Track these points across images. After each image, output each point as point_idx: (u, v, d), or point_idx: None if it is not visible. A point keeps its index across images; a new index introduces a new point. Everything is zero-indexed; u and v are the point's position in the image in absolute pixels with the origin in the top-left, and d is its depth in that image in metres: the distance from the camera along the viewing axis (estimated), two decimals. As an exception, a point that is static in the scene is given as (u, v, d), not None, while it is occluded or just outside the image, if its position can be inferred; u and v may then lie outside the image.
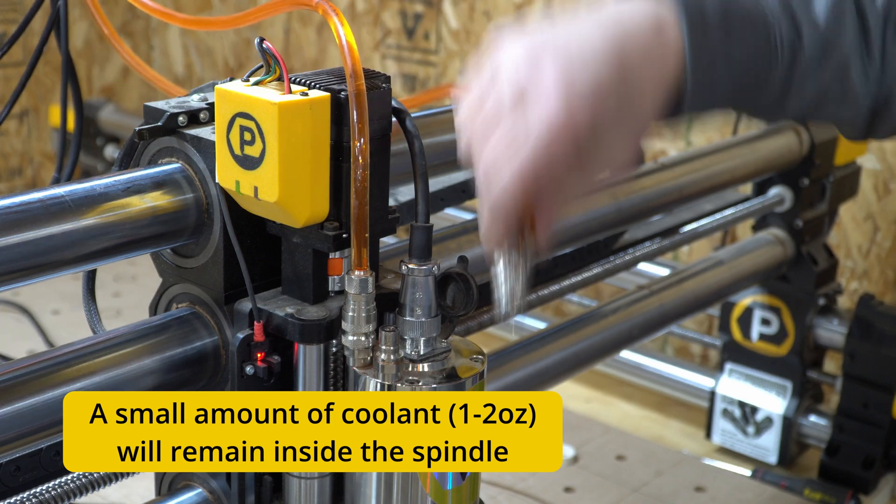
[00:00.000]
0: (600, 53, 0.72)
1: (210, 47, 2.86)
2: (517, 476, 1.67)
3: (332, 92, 0.78)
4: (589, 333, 1.30)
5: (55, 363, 0.80)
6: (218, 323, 0.87)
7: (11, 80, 2.77)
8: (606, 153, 0.75)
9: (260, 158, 0.76)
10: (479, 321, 1.12)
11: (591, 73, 0.72)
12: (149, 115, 0.85)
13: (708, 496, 1.69)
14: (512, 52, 0.75)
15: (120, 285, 2.42)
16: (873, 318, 1.72)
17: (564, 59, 0.72)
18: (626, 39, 0.74)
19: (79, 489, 0.89)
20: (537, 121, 0.71)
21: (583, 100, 0.72)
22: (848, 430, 1.75)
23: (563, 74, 0.71)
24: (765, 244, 1.72)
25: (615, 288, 2.05)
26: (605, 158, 0.76)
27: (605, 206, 1.25)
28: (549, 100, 0.71)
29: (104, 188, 0.81)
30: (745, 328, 1.83)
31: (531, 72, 0.72)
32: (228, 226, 0.82)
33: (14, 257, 0.74)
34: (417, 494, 0.78)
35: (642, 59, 0.74)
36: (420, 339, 0.78)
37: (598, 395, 2.07)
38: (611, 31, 0.73)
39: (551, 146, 0.71)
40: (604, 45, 0.73)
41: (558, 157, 0.72)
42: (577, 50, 0.72)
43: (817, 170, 1.69)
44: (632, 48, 0.74)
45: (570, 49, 0.72)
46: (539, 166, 0.72)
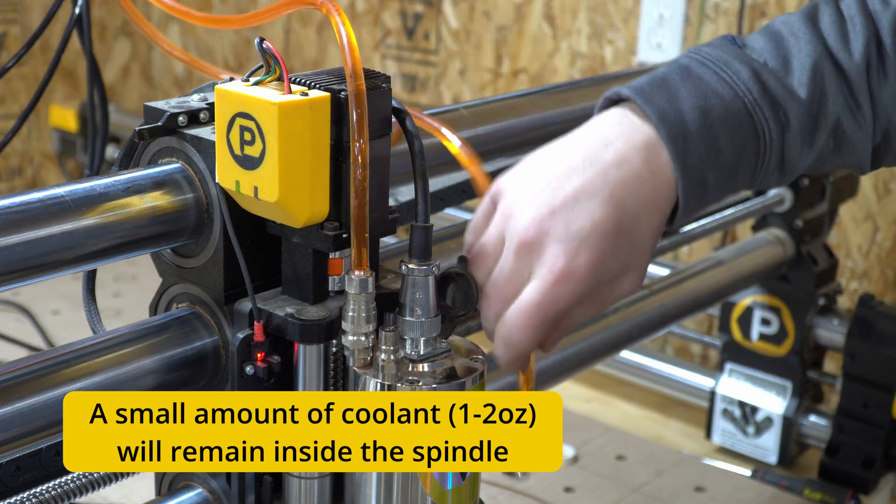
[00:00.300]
0: (600, 224, 0.76)
1: (210, 47, 2.85)
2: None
3: (332, 92, 0.78)
4: (589, 333, 1.30)
5: (55, 363, 0.80)
6: (218, 323, 0.87)
7: (11, 80, 2.77)
8: (611, 293, 0.80)
9: (260, 158, 0.76)
10: (479, 321, 1.12)
11: (593, 246, 0.76)
12: (149, 115, 0.85)
13: (708, 496, 1.69)
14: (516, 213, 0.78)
15: (120, 285, 2.42)
16: (873, 318, 1.72)
17: (567, 242, 0.76)
18: (624, 192, 0.77)
19: (79, 489, 0.89)
20: (542, 279, 0.77)
21: (587, 268, 0.76)
22: (848, 430, 1.75)
23: (566, 255, 0.76)
24: (765, 244, 1.72)
25: (615, 288, 2.04)
26: (610, 296, 0.81)
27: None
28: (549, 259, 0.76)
29: (104, 188, 0.81)
30: (745, 328, 1.84)
31: (533, 246, 0.77)
32: (228, 226, 0.82)
33: (14, 257, 0.74)
34: (417, 494, 0.78)
35: (639, 203, 0.77)
36: (420, 339, 0.78)
37: (598, 395, 2.07)
38: (609, 190, 0.76)
39: (557, 299, 0.77)
40: (604, 212, 0.76)
41: (563, 305, 0.77)
42: (577, 226, 0.76)
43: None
44: (629, 198, 0.77)
45: (571, 227, 0.76)
46: (546, 315, 0.77)
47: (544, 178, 0.78)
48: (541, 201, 0.77)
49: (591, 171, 0.77)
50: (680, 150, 0.78)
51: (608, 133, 0.79)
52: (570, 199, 0.77)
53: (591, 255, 0.76)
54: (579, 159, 0.78)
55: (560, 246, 0.76)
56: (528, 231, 0.77)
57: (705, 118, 0.78)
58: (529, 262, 0.77)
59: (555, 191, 0.77)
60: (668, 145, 0.78)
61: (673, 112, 0.78)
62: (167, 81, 2.97)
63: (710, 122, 0.78)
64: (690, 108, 0.78)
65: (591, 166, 0.77)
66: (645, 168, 0.78)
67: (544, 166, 0.80)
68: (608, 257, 0.77)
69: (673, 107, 0.78)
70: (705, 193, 0.80)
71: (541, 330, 0.78)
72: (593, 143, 0.79)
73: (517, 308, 0.78)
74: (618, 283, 0.80)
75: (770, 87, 0.80)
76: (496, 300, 0.79)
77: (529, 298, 0.77)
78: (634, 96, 0.79)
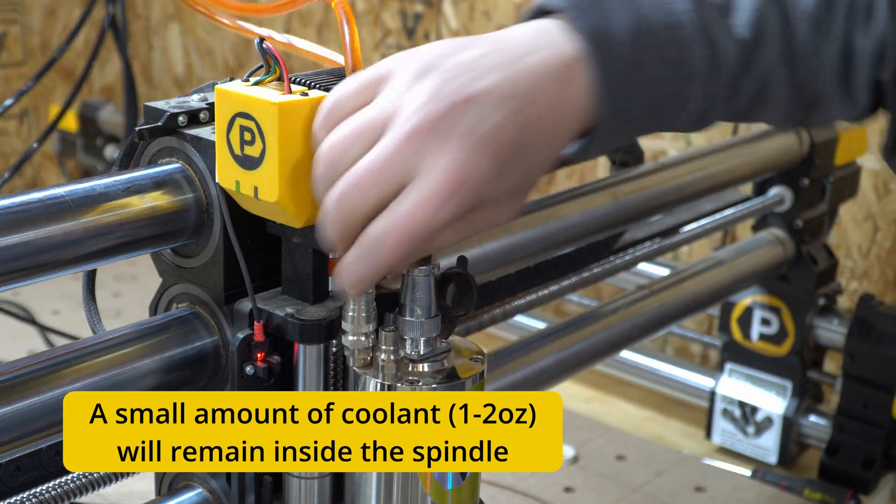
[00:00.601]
0: (507, 131, 0.67)
1: (210, 47, 2.85)
2: (517, 476, 1.67)
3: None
4: (589, 333, 1.30)
5: (55, 363, 0.80)
6: (218, 323, 0.87)
7: (11, 80, 2.77)
8: (483, 218, 0.71)
9: (260, 158, 0.76)
10: (479, 321, 1.12)
11: (496, 154, 0.67)
12: (149, 115, 0.85)
13: (708, 496, 1.69)
14: (408, 67, 0.69)
15: (120, 285, 2.42)
16: (873, 318, 1.72)
17: (472, 138, 0.66)
18: (535, 110, 0.69)
19: (79, 489, 0.89)
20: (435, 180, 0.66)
21: (484, 177, 0.67)
22: (848, 430, 1.75)
23: (469, 155, 0.66)
24: (765, 244, 1.72)
25: (615, 288, 2.05)
26: (480, 223, 0.71)
27: (604, 205, 1.25)
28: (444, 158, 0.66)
29: (104, 188, 0.81)
30: (745, 328, 1.83)
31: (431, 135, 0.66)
32: (228, 226, 0.82)
33: (14, 257, 0.74)
34: (417, 494, 0.78)
35: (544, 128, 0.69)
36: (420, 339, 0.78)
37: (598, 395, 2.07)
38: (521, 100, 0.68)
39: (436, 209, 0.66)
40: (513, 121, 0.67)
41: (448, 218, 0.67)
42: (488, 126, 0.66)
43: (817, 170, 1.69)
44: (538, 119, 0.69)
45: (482, 125, 0.66)
46: (428, 231, 0.67)
47: (453, 69, 0.68)
48: (453, 84, 0.67)
49: (507, 73, 0.68)
50: (607, 74, 0.70)
51: (531, 43, 0.71)
52: (477, 98, 0.67)
53: (492, 164, 0.67)
54: (496, 58, 0.69)
55: (463, 142, 0.66)
56: (430, 114, 0.66)
57: (636, 43, 0.71)
58: (418, 155, 0.66)
59: (461, 85, 0.67)
60: (594, 67, 0.70)
61: (605, 31, 0.71)
62: (167, 81, 2.97)
63: (640, 49, 0.71)
64: (624, 31, 0.71)
65: (507, 69, 0.68)
66: (561, 87, 0.70)
67: (458, 52, 0.70)
68: (502, 173, 0.68)
69: (606, 24, 0.71)
70: (623, 127, 0.73)
71: (412, 252, 0.68)
72: (516, 45, 0.71)
73: (396, 219, 0.67)
74: (493, 209, 0.71)
75: (709, 22, 0.73)
76: (357, 193, 0.67)
77: (404, 212, 0.66)
78: (568, 7, 0.72)
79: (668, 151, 2.15)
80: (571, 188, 1.25)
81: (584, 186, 1.26)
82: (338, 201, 0.69)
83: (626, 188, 1.29)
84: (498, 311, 1.16)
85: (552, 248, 1.20)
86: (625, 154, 1.46)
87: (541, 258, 1.21)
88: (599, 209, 1.25)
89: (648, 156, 1.90)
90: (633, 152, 1.45)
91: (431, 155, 0.66)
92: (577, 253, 1.29)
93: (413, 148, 0.66)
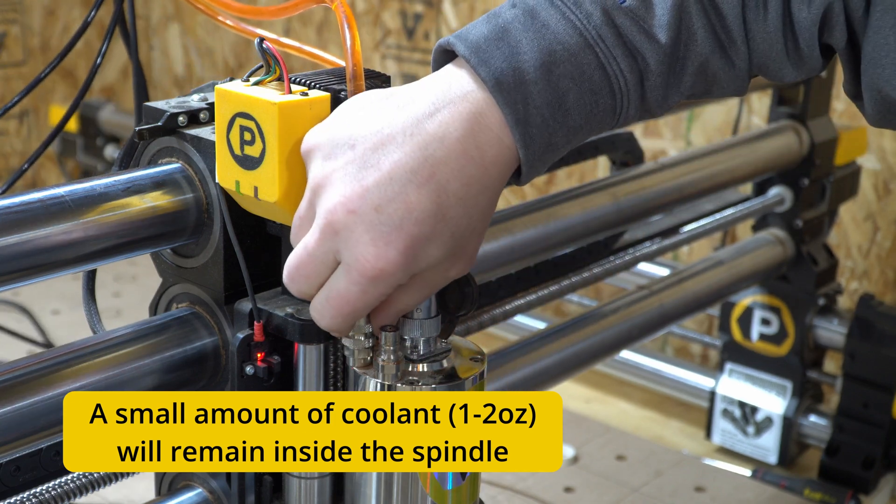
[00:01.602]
0: (416, 209, 0.68)
1: (210, 47, 2.86)
2: (517, 476, 1.67)
3: (332, 92, 0.78)
4: (589, 333, 1.30)
5: (55, 363, 0.80)
6: (218, 323, 0.87)
7: (11, 80, 2.77)
8: (438, 277, 0.73)
9: (260, 158, 0.76)
10: (479, 321, 1.13)
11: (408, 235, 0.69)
12: (149, 115, 0.85)
13: (708, 496, 1.69)
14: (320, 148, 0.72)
15: (120, 285, 2.42)
16: (873, 318, 1.72)
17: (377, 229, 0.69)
18: (446, 173, 0.69)
19: (79, 489, 0.89)
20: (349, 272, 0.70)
21: (399, 260, 0.69)
22: (848, 430, 1.75)
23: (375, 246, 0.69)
24: (765, 244, 1.72)
25: (615, 288, 2.05)
26: (438, 281, 0.74)
27: (605, 205, 1.26)
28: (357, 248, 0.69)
29: (104, 188, 0.81)
30: (745, 328, 1.84)
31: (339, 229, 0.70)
32: (228, 226, 0.82)
33: (14, 257, 0.74)
34: (417, 494, 0.78)
35: (463, 185, 0.69)
36: (420, 339, 0.78)
37: (598, 395, 2.08)
38: (428, 170, 0.68)
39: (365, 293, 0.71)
40: (421, 195, 0.68)
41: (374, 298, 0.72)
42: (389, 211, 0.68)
43: (817, 170, 1.70)
44: (452, 179, 0.69)
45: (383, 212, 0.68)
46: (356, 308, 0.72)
47: (359, 146, 0.70)
48: (351, 176, 0.69)
49: (411, 144, 0.69)
50: (520, 118, 0.69)
51: (436, 98, 0.70)
52: (384, 179, 0.68)
53: (405, 245, 0.69)
54: (400, 126, 0.69)
55: (368, 235, 0.69)
56: (334, 212, 0.69)
57: (550, 76, 0.69)
58: (334, 245, 0.70)
59: (367, 165, 0.69)
60: (506, 113, 0.69)
61: (512, 72, 0.69)
62: (167, 81, 2.97)
63: (555, 80, 0.70)
64: (533, 66, 0.69)
65: (412, 138, 0.69)
66: (472, 144, 0.69)
67: (362, 126, 0.70)
68: (426, 245, 0.69)
69: (513, 65, 0.69)
70: (553, 153, 0.72)
71: (351, 319, 0.73)
72: (418, 108, 0.70)
73: (325, 297, 0.73)
74: (444, 269, 0.72)
75: (625, 31, 0.71)
76: (298, 278, 0.73)
77: (336, 291, 0.72)
78: (469, 55, 0.70)
79: (668, 151, 2.15)
80: (571, 188, 1.25)
81: (584, 186, 1.26)
82: (289, 282, 0.75)
83: (626, 188, 1.29)
84: (498, 311, 1.16)
85: (552, 248, 1.20)
86: (625, 154, 1.46)
87: (541, 258, 1.21)
88: (599, 209, 1.25)
89: (648, 156, 1.90)
90: (633, 152, 1.46)
91: (345, 246, 0.70)
92: (577, 253, 1.29)
93: (328, 241, 0.71)
